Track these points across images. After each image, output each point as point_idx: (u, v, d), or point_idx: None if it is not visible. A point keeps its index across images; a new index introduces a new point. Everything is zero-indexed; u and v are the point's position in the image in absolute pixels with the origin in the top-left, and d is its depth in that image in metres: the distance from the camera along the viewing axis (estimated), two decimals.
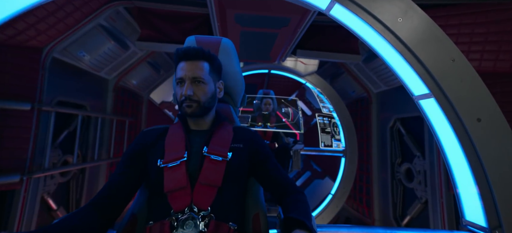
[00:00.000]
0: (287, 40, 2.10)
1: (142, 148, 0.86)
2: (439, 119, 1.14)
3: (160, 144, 0.87)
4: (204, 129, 0.94)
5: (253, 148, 0.93)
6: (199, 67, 0.88)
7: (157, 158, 0.82)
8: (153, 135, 0.91)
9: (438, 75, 1.05)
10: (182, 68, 0.87)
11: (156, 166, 0.81)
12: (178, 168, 0.80)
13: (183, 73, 0.87)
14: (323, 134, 3.27)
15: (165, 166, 0.80)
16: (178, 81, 0.88)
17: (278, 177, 0.90)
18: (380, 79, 3.34)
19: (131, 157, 0.85)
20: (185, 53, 0.88)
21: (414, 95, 1.18)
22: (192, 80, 0.87)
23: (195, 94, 0.87)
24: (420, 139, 2.88)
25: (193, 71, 0.87)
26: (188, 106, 0.86)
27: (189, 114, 0.87)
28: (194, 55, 0.89)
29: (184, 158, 0.81)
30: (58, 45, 1.91)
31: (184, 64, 0.88)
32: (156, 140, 0.89)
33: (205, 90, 0.89)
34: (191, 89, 0.86)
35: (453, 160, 1.18)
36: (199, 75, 0.87)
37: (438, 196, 2.52)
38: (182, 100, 0.87)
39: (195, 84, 0.87)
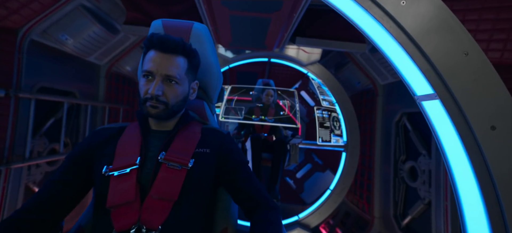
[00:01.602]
0: (282, 26, 1.91)
1: (88, 150, 0.73)
2: (444, 125, 0.97)
3: (111, 147, 0.73)
4: (167, 129, 0.80)
5: (221, 153, 0.79)
6: (175, 64, 0.73)
7: (105, 163, 0.69)
8: (105, 135, 0.77)
9: (446, 72, 0.87)
10: (154, 60, 0.71)
11: (101, 174, 0.68)
12: (127, 177, 0.67)
13: (154, 66, 0.71)
14: (321, 129, 3.09)
15: (112, 174, 0.67)
16: (145, 74, 0.72)
17: (249, 189, 0.76)
18: (387, 70, 3.10)
19: (74, 161, 0.72)
20: (161, 42, 0.72)
21: (416, 95, 1.00)
22: (164, 78, 0.72)
23: (164, 94, 0.72)
24: (427, 136, 2.68)
25: (167, 67, 0.71)
26: (153, 107, 0.72)
27: (152, 115, 0.73)
28: (172, 48, 0.73)
29: (135, 165, 0.68)
30: (35, 27, 1.79)
31: (156, 55, 0.72)
32: (107, 141, 0.75)
33: (177, 92, 0.74)
34: (161, 88, 0.71)
35: (458, 173, 1.01)
36: (173, 73, 0.72)
37: (442, 198, 2.35)
38: (146, 98, 0.71)
39: (167, 83, 0.72)
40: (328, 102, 3.24)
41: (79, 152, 0.73)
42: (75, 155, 0.73)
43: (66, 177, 0.70)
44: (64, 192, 0.68)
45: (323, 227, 4.05)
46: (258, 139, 2.79)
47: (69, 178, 0.70)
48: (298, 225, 3.15)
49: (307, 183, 4.61)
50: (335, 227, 3.98)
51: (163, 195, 0.66)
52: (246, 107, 3.25)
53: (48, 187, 0.67)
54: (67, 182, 0.69)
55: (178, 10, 2.11)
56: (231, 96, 3.26)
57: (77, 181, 0.70)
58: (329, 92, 3.40)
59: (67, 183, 0.69)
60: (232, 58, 3.18)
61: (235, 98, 3.23)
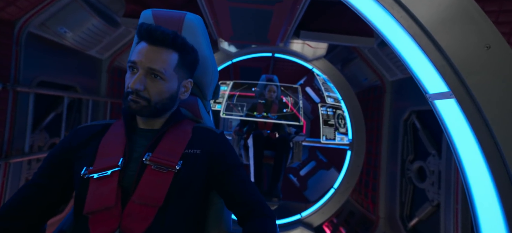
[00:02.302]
0: (285, 19, 1.83)
1: (67, 150, 0.68)
2: (459, 127, 0.88)
3: (92, 147, 0.68)
4: (155, 128, 0.74)
5: (213, 155, 0.72)
6: (162, 58, 0.67)
7: (85, 165, 0.64)
8: (86, 133, 0.71)
9: (464, 68, 0.78)
10: (140, 51, 0.66)
11: (80, 176, 0.62)
12: (108, 180, 0.61)
13: (139, 57, 0.65)
14: (325, 126, 3.00)
15: (91, 177, 0.62)
16: (130, 65, 0.66)
17: (242, 194, 0.70)
18: (396, 66, 2.97)
19: (51, 163, 0.66)
20: (149, 32, 0.66)
21: (428, 93, 0.91)
22: (148, 71, 0.66)
23: (146, 90, 0.66)
24: (437, 136, 2.56)
25: (151, 59, 0.65)
26: (134, 102, 0.65)
27: (133, 111, 0.67)
28: (161, 39, 0.66)
29: (117, 166, 0.63)
30: (33, 19, 1.75)
31: (144, 47, 0.66)
32: (89, 140, 0.70)
33: (161, 89, 0.68)
34: (142, 82, 0.65)
35: (474, 178, 0.93)
36: (158, 67, 0.66)
37: (452, 201, 2.24)
38: (128, 91, 0.66)
39: (150, 78, 0.66)
40: (333, 98, 3.14)
41: (57, 153, 0.68)
42: (53, 156, 0.67)
43: (42, 180, 0.64)
44: (39, 197, 0.63)
45: (326, 225, 3.98)
46: (260, 136, 2.72)
47: (45, 181, 0.64)
48: (301, 224, 3.09)
49: (310, 180, 4.53)
50: (339, 226, 3.91)
51: (146, 200, 0.61)
52: (248, 103, 3.18)
53: (22, 192, 0.62)
54: (42, 185, 0.64)
55: (178, 2, 2.04)
56: (233, 91, 3.19)
57: (54, 184, 0.65)
58: (335, 88, 3.29)
59: (43, 187, 0.64)
60: (235, 53, 3.11)
61: (237, 94, 3.16)
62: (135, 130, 0.74)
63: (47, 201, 0.64)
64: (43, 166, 0.67)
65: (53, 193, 0.65)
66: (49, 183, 0.65)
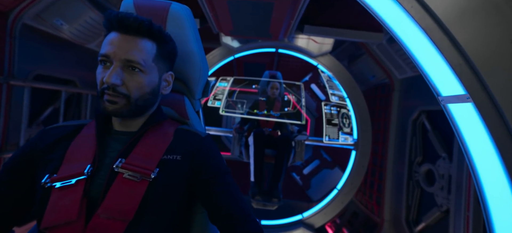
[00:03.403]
0: (287, 12, 1.72)
1: (30, 154, 0.61)
2: (475, 133, 0.77)
3: (60, 150, 0.61)
4: (133, 130, 0.66)
5: (196, 161, 0.64)
6: (139, 47, 0.60)
7: (48, 172, 0.57)
8: (55, 135, 0.64)
9: (485, 67, 0.67)
10: (112, 42, 0.58)
11: (41, 184, 0.55)
12: (72, 190, 0.54)
13: (112, 49, 0.57)
14: (328, 126, 2.89)
15: (53, 186, 0.54)
16: (102, 59, 0.59)
17: (226, 206, 0.62)
18: (406, 63, 2.82)
19: (11, 168, 0.60)
20: (120, 20, 0.58)
21: (441, 96, 0.80)
22: (125, 63, 0.58)
23: (124, 84, 0.59)
24: (448, 138, 2.42)
25: (127, 50, 0.58)
26: (111, 102, 0.58)
27: (110, 112, 0.59)
28: (134, 28, 0.59)
29: (83, 175, 0.56)
30: (27, 10, 1.70)
31: (116, 37, 0.58)
32: (56, 143, 0.62)
33: (142, 83, 0.61)
34: (119, 76, 0.57)
35: (491, 188, 0.82)
36: (136, 58, 0.59)
37: (464, 208, 2.12)
38: (103, 88, 0.58)
39: (128, 71, 0.59)
40: (337, 97, 3.02)
41: (17, 157, 0.61)
42: (13, 161, 0.60)
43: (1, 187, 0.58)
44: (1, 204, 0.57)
45: (329, 226, 3.90)
46: (261, 134, 2.64)
47: (4, 188, 0.58)
48: (302, 225, 3.02)
49: (314, 179, 4.44)
50: (342, 227, 3.81)
51: (114, 214, 0.53)
52: (251, 100, 3.10)
53: None
54: (3, 192, 0.57)
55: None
56: (234, 88, 3.11)
57: (13, 192, 0.58)
58: (340, 86, 3.16)
59: (3, 194, 0.57)
60: (237, 48, 3.01)
61: (238, 91, 3.08)
62: (109, 132, 0.66)
63: (7, 212, 0.58)
64: (2, 171, 0.60)
65: (11, 202, 0.58)
66: (7, 191, 0.58)
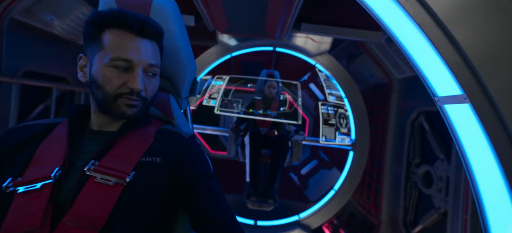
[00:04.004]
0: (283, 10, 1.68)
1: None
2: (472, 136, 0.73)
3: (28, 151, 0.56)
4: (113, 130, 0.62)
5: (177, 164, 0.60)
6: (156, 51, 0.62)
7: (12, 174, 0.52)
8: (23, 135, 0.59)
9: (484, 66, 0.63)
10: (133, 46, 0.57)
11: (2, 189, 0.50)
12: (38, 195, 0.50)
13: (135, 54, 0.57)
14: (325, 126, 2.85)
15: (16, 190, 0.50)
16: (121, 62, 0.56)
17: (209, 212, 0.57)
18: (404, 63, 2.78)
19: None
20: (138, 22, 0.57)
21: (437, 96, 0.76)
22: (146, 68, 0.59)
23: (145, 89, 0.60)
24: (447, 139, 2.38)
25: (150, 55, 0.59)
26: (131, 106, 0.58)
27: (128, 116, 0.59)
28: (152, 32, 0.60)
29: (49, 179, 0.51)
30: (15, 4, 1.66)
31: (134, 40, 0.57)
32: (25, 143, 0.58)
33: (156, 86, 0.64)
34: (143, 80, 0.59)
35: (488, 192, 0.78)
36: (156, 63, 0.61)
37: (461, 210, 2.08)
38: (122, 92, 0.57)
39: (147, 75, 0.60)
40: (335, 96, 2.98)
41: None
42: None
43: None
44: None
45: (326, 226, 3.87)
46: (258, 134, 2.60)
47: None
48: (298, 226, 2.98)
49: (312, 180, 4.40)
50: (339, 228, 3.78)
51: (83, 222, 0.49)
52: (247, 99, 3.06)
53: None
54: None
55: None
56: (230, 87, 3.07)
57: None
58: (338, 85, 3.12)
59: None
60: (234, 46, 2.97)
61: (233, 89, 3.04)
62: (85, 132, 0.62)
63: None
64: None
65: None
66: None
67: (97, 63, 0.57)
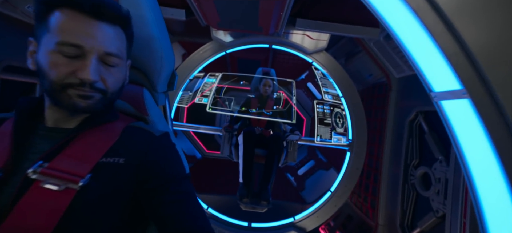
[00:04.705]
0: (276, 4, 1.61)
1: None
2: (474, 136, 0.66)
3: None
4: (70, 127, 0.55)
5: (144, 164, 0.54)
6: (117, 37, 0.53)
7: None
8: None
9: (485, 58, 0.56)
10: (85, 31, 0.48)
11: None
12: None
13: (87, 39, 0.48)
14: (320, 126, 2.78)
15: None
16: (67, 47, 0.48)
17: (178, 219, 0.50)
18: (403, 61, 2.72)
19: None
20: (93, 2, 0.49)
21: (433, 91, 0.69)
22: (103, 57, 0.51)
23: (102, 80, 0.51)
24: (446, 140, 2.32)
25: (107, 41, 0.51)
26: (85, 97, 0.50)
27: (81, 109, 0.51)
28: (112, 14, 0.51)
29: None
30: None
31: (89, 23, 0.49)
32: None
33: (119, 77, 0.56)
34: (98, 71, 0.50)
35: (489, 201, 0.72)
36: (116, 51, 0.53)
37: (460, 214, 2.02)
38: (73, 83, 0.49)
39: (104, 65, 0.52)
40: (331, 95, 2.91)
41: None
42: None
43: None
44: None
45: (322, 228, 3.80)
46: (252, 134, 2.53)
47: None
48: (293, 228, 2.92)
49: (308, 181, 4.34)
50: (336, 230, 3.72)
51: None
52: (242, 97, 2.99)
53: None
54: None
55: None
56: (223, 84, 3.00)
57: None
58: (335, 84, 3.05)
59: None
60: (228, 43, 2.90)
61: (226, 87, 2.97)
62: (37, 129, 0.55)
63: None
64: None
65: None
66: None
67: (43, 48, 0.50)
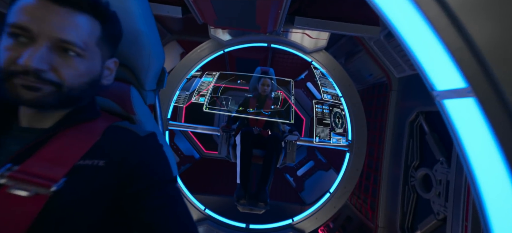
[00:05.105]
0: (274, 1, 1.57)
1: None
2: (479, 138, 0.62)
3: None
4: (45, 126, 0.51)
5: (126, 167, 0.50)
6: (78, 24, 0.46)
7: None
8: None
9: (493, 53, 0.52)
10: (34, 10, 0.43)
11: None
12: None
13: (35, 21, 0.43)
14: (319, 126, 2.74)
15: None
16: (15, 31, 0.44)
17: (164, 227, 0.46)
18: (404, 60, 2.67)
19: None
20: None
21: (436, 90, 0.65)
22: (56, 43, 0.45)
23: (55, 70, 0.45)
24: (447, 141, 2.27)
25: (61, 26, 0.44)
26: (30, 88, 0.44)
27: (26, 102, 0.45)
28: (77, 0, 0.46)
29: None
30: None
31: (44, 7, 0.44)
32: None
33: (80, 70, 0.48)
34: (45, 59, 0.44)
35: (494, 207, 0.67)
36: (72, 38, 0.46)
37: (462, 217, 1.97)
38: (15, 70, 0.43)
39: (60, 54, 0.45)
40: (330, 95, 2.87)
41: None
42: None
43: None
44: None
45: (321, 230, 3.75)
46: (249, 134, 2.50)
47: None
48: (291, 229, 2.87)
49: (308, 181, 4.29)
50: (335, 232, 3.67)
51: None
52: (240, 97, 2.95)
53: None
54: None
55: None
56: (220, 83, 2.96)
57: None
58: (335, 84, 3.01)
59: None
60: (227, 42, 2.86)
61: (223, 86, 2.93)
62: (10, 128, 0.51)
63: None
64: None
65: None
66: None
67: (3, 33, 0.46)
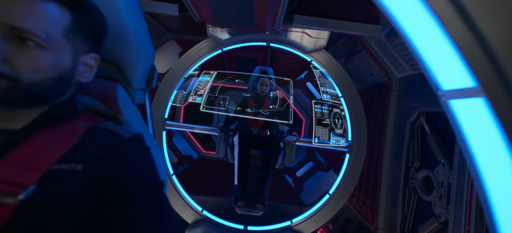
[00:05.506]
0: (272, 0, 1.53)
1: None
2: (488, 142, 0.58)
3: None
4: (15, 127, 0.47)
5: (106, 172, 0.46)
6: (39, 12, 0.42)
7: None
8: None
9: (505, 49, 0.48)
10: None
11: None
12: None
13: None
14: (319, 127, 2.70)
15: None
16: None
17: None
18: (405, 60, 2.63)
19: None
20: None
21: (441, 90, 0.61)
22: (10, 32, 0.41)
23: (9, 62, 0.41)
24: (448, 142, 2.23)
25: (16, 12, 0.41)
26: None
27: None
28: None
29: None
30: None
31: None
32: None
33: (40, 62, 0.44)
34: (3, 50, 0.40)
35: (504, 217, 0.63)
36: (30, 27, 0.41)
37: (464, 220, 1.93)
38: None
39: (17, 44, 0.42)
40: (330, 95, 2.82)
41: None
42: None
43: None
44: None
45: (321, 231, 3.71)
46: (247, 134, 2.45)
47: None
48: (290, 231, 2.83)
49: (307, 182, 4.25)
50: None
51: None
52: (238, 97, 2.91)
53: None
54: None
55: None
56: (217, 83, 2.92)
57: None
58: (335, 84, 2.97)
59: None
60: (225, 41, 2.82)
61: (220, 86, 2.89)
62: None
63: None
64: None
65: None
66: None
67: None
